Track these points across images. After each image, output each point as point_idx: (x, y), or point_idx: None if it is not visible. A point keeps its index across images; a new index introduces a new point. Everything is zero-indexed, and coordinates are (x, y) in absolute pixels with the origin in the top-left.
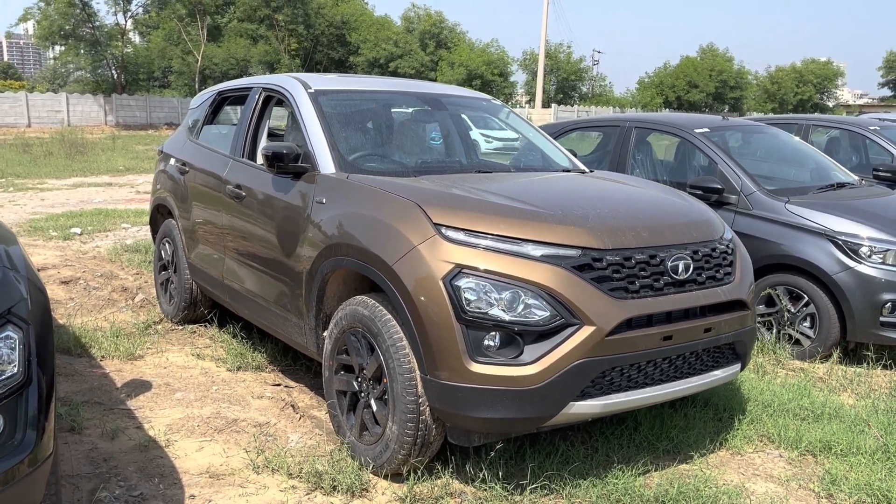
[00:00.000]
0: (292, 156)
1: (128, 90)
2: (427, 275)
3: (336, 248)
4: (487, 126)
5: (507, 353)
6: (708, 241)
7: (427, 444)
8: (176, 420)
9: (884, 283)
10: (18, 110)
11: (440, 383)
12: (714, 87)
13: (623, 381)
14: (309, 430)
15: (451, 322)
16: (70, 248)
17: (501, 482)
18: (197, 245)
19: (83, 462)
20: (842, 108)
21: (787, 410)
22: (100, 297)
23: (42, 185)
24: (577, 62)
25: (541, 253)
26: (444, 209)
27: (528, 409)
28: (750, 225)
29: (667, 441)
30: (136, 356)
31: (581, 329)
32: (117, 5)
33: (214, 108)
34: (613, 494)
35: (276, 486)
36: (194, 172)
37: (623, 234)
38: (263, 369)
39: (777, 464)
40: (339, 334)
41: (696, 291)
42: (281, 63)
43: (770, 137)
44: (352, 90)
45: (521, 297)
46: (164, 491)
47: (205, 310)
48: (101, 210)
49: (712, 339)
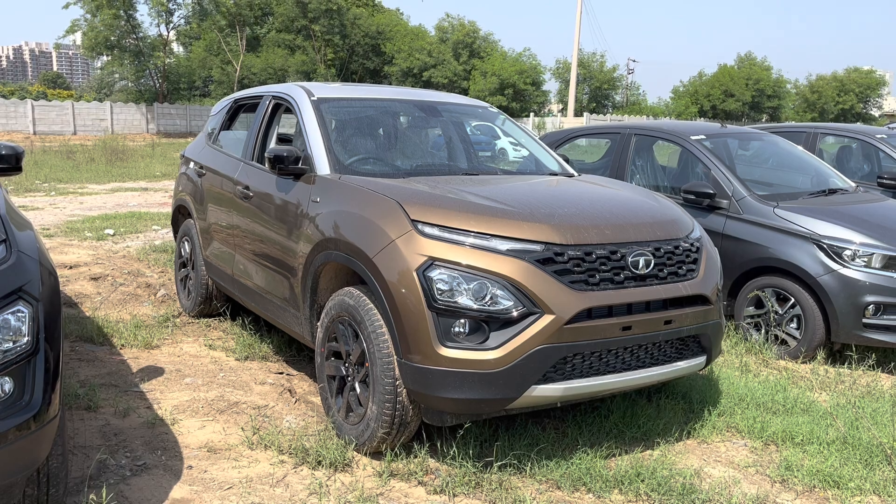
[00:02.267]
0: (292, 158)
1: (169, 99)
2: (403, 266)
3: (327, 242)
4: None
5: (474, 338)
6: (672, 240)
7: (404, 424)
8: (183, 402)
9: (867, 285)
10: (65, 118)
11: (414, 366)
12: (751, 95)
13: (584, 368)
14: (303, 412)
15: (423, 310)
16: (102, 248)
17: (472, 461)
18: (212, 243)
19: (96, 436)
20: (886, 117)
21: (759, 405)
22: (125, 293)
23: (82, 190)
24: (610, 71)
25: (507, 247)
26: (421, 207)
27: (493, 390)
28: (740, 229)
29: (635, 428)
30: (152, 345)
31: (542, 317)
32: (160, 17)
33: (231, 115)
34: (576, 473)
35: (267, 460)
36: (210, 175)
37: (586, 231)
38: (269, 359)
39: (740, 452)
40: (329, 323)
41: (657, 286)
42: (317, 73)
43: (768, 145)
44: (352, 98)
45: (487, 287)
46: (165, 461)
47: (219, 304)
48: (135, 213)
49: (673, 332)
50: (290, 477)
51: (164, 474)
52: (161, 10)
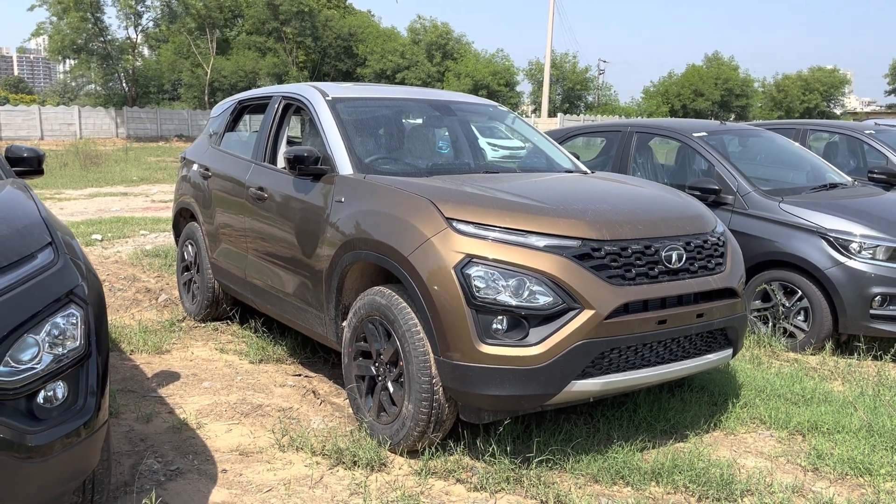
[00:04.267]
0: (312, 158)
1: (138, 103)
2: (440, 264)
3: (354, 242)
4: (494, 135)
5: (513, 335)
6: (700, 234)
7: (440, 422)
8: (205, 406)
9: (873, 277)
10: (32, 123)
11: (453, 364)
12: (720, 95)
13: (621, 362)
14: (329, 413)
15: (462, 307)
16: (92, 254)
17: (509, 457)
18: (219, 245)
19: (122, 442)
20: (849, 115)
21: (779, 395)
22: (125, 298)
23: (59, 196)
24: (582, 72)
25: (544, 244)
26: (454, 204)
27: (533, 386)
28: (746, 224)
29: (664, 422)
30: (163, 350)
31: (581, 313)
32: (128, 20)
33: (235, 117)
34: (613, 467)
35: (301, 461)
36: (216, 177)
37: (620, 227)
38: (284, 361)
39: (767, 442)
40: (357, 323)
41: (689, 279)
42: (289, 75)
43: (766, 141)
44: (366, 97)
45: (526, 283)
46: (198, 466)
47: (227, 307)
48: (120, 218)
49: (704, 325)
50: (327, 478)
51: (199, 478)
52: (129, 13)
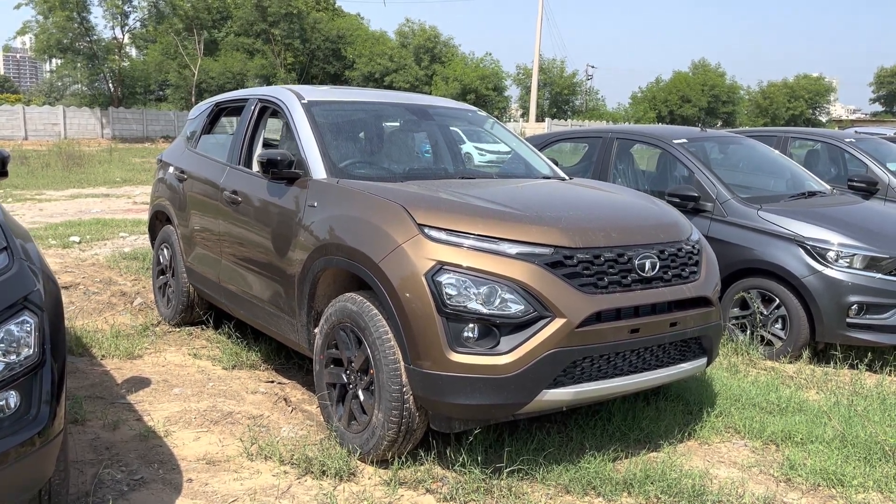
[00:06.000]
0: (286, 162)
1: (124, 104)
2: (411, 271)
3: (326, 247)
4: (481, 139)
5: (484, 343)
6: (674, 242)
7: (411, 431)
8: (174, 413)
9: (850, 285)
10: (15, 123)
11: (423, 372)
12: (706, 101)
13: (593, 371)
14: (300, 421)
15: (432, 315)
16: (69, 256)
17: (480, 467)
18: (194, 249)
19: (87, 450)
20: (834, 122)
21: (754, 404)
22: (99, 302)
23: (40, 196)
24: (570, 77)
25: (516, 251)
26: (426, 210)
27: (504, 395)
28: (725, 231)
29: (638, 431)
30: (135, 355)
31: (553, 321)
32: (115, 20)
33: (212, 119)
34: (585, 477)
35: (269, 471)
36: (192, 180)
37: (593, 234)
38: (257, 367)
39: (741, 452)
40: (329, 330)
41: (663, 288)
42: (277, 77)
43: (746, 148)
44: (343, 101)
45: (497, 291)
46: (163, 475)
47: (201, 312)
48: (100, 220)
49: (678, 333)
50: (294, 488)
51: (163, 488)
52: (116, 13)
